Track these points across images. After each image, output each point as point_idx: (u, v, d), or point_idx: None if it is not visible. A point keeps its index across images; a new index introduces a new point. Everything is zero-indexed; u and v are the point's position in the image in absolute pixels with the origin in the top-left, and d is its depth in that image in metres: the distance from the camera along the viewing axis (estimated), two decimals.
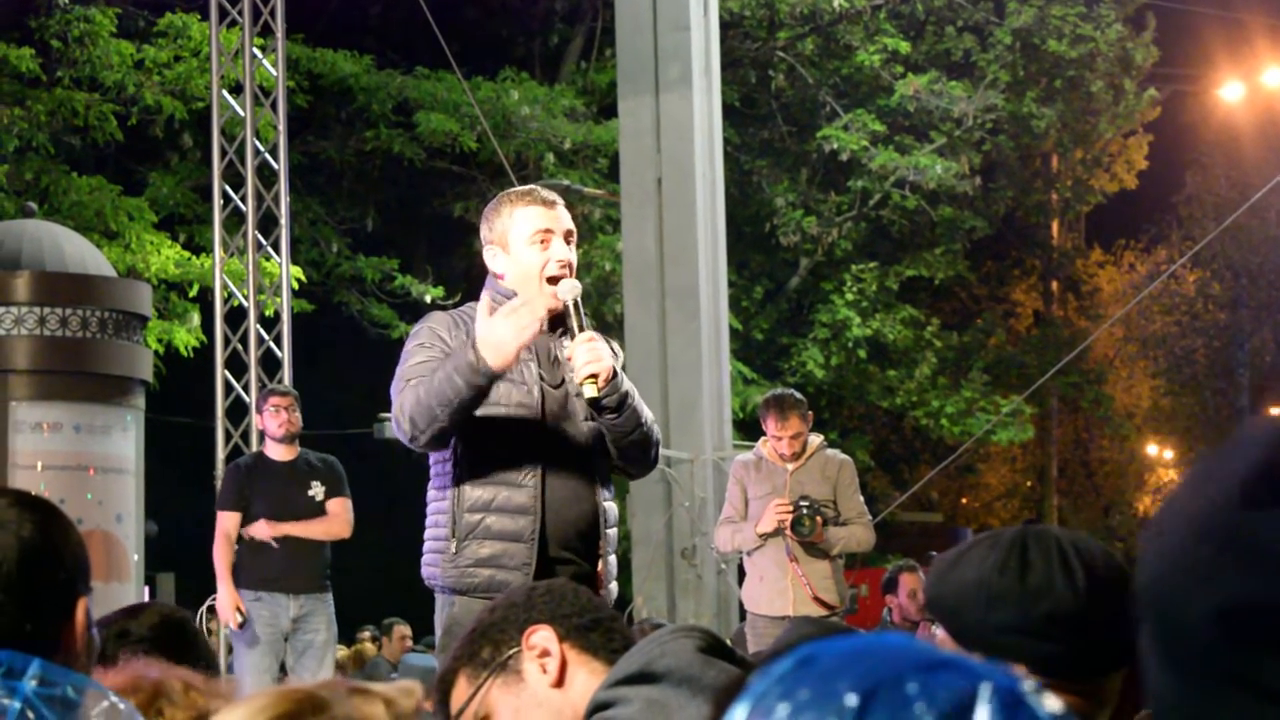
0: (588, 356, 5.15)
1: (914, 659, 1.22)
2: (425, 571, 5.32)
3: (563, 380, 5.32)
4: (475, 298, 5.46)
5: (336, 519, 10.16)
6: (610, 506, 5.39)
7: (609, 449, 5.34)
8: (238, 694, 2.61)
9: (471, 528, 5.15)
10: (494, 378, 5.02)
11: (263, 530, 10.02)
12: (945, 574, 2.26)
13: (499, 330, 4.95)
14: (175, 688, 2.56)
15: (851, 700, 1.19)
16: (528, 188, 5.56)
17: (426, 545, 5.32)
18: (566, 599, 2.94)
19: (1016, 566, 2.20)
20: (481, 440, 5.22)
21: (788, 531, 9.06)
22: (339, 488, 10.22)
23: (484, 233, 5.41)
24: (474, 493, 5.21)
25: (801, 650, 1.26)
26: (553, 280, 5.28)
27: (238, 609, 9.97)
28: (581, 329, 5.22)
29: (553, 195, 5.48)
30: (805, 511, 9.04)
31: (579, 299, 5.28)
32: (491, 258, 5.37)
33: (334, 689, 1.79)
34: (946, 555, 2.31)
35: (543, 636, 2.86)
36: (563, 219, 5.37)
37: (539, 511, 5.19)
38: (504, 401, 5.23)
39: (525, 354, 5.26)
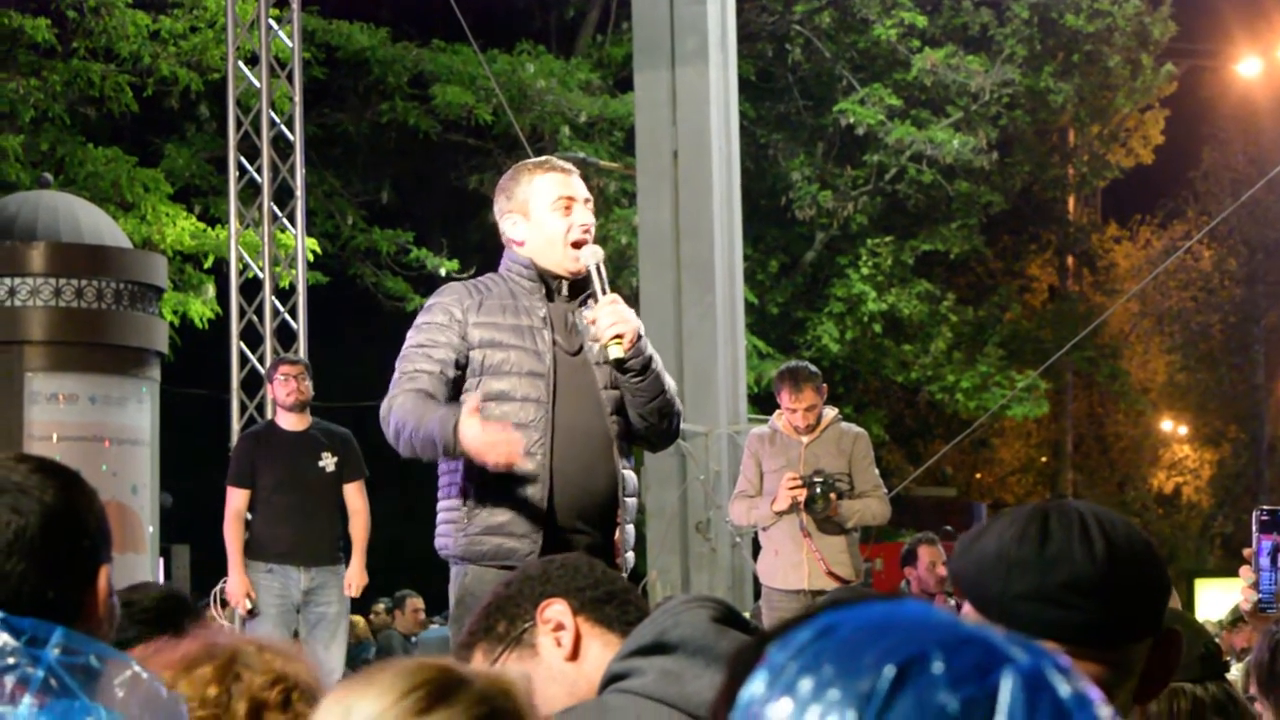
0: (613, 318, 5.16)
1: (939, 633, 1.22)
2: (439, 542, 5.30)
3: (580, 348, 5.31)
4: (490, 270, 5.48)
5: (361, 516, 10.13)
6: (629, 475, 5.36)
7: (631, 417, 5.34)
8: (308, 658, 2.64)
9: (481, 496, 5.15)
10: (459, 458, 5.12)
11: (239, 597, 10.04)
12: (968, 548, 2.29)
13: (478, 439, 4.95)
14: (250, 651, 2.58)
15: (880, 678, 1.19)
16: (543, 158, 5.60)
17: (440, 516, 5.31)
18: (581, 572, 2.94)
19: (1036, 536, 2.23)
20: (492, 408, 5.21)
21: (802, 507, 9.05)
22: (357, 467, 10.17)
23: (501, 203, 5.42)
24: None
25: (820, 620, 1.26)
26: (576, 245, 5.30)
27: (248, 595, 9.97)
28: (605, 292, 5.23)
29: (568, 164, 5.52)
30: (819, 489, 9.02)
31: (601, 263, 5.29)
32: (511, 225, 5.37)
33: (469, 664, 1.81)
34: (970, 531, 2.35)
35: (557, 610, 2.86)
36: (580, 186, 5.41)
37: (548, 479, 5.19)
38: (515, 370, 5.24)
39: (539, 322, 5.27)
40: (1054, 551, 2.21)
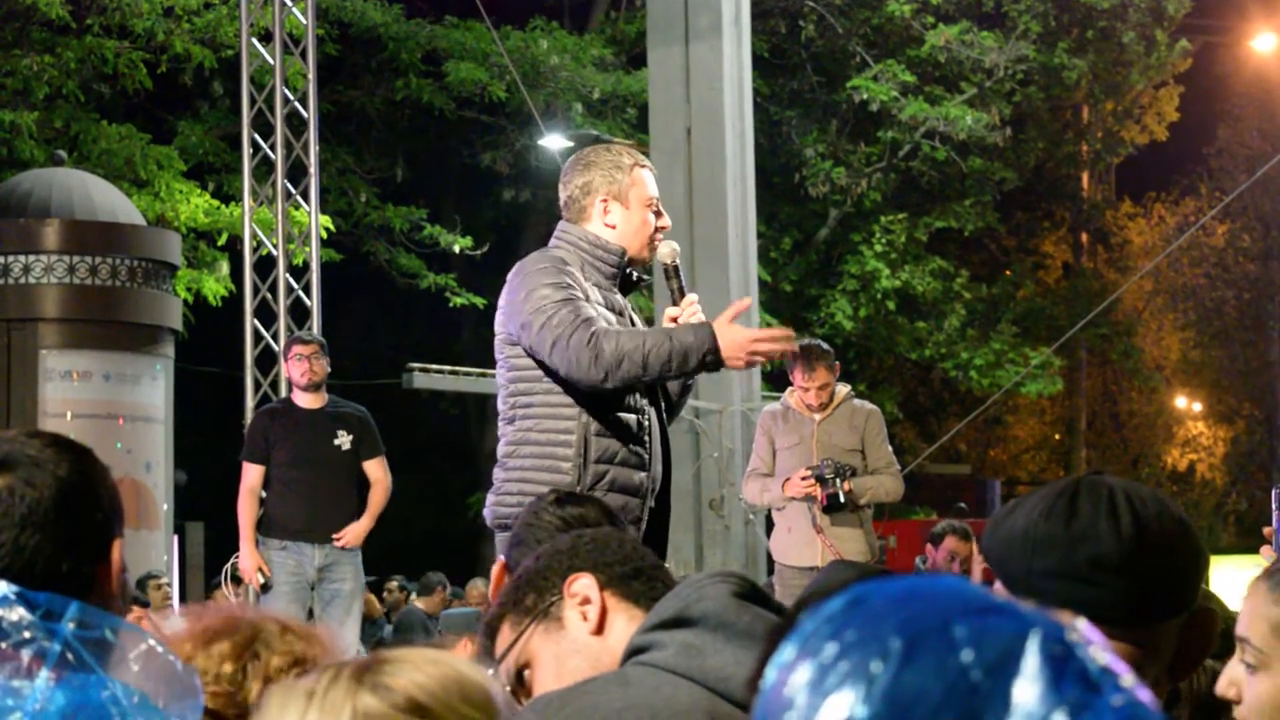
0: (693, 311, 5.31)
1: (965, 603, 1.22)
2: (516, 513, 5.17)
3: None
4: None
5: (381, 485, 10.13)
6: (670, 462, 5.51)
7: (670, 401, 5.51)
8: (332, 641, 2.64)
9: (598, 478, 5.18)
10: (710, 369, 5.17)
11: (251, 572, 10.02)
12: (999, 524, 2.29)
13: (744, 339, 5.08)
14: (272, 630, 2.58)
15: (896, 644, 1.19)
16: (634, 150, 5.60)
17: (527, 486, 5.19)
18: (610, 547, 2.95)
19: (1063, 512, 2.21)
20: (608, 392, 5.21)
21: (819, 504, 9.03)
22: (374, 445, 10.17)
23: (594, 179, 5.37)
24: (601, 444, 5.22)
25: (854, 590, 1.26)
26: (653, 245, 5.40)
27: (260, 569, 9.97)
28: (684, 292, 5.35)
29: None
30: (832, 480, 8.98)
31: (679, 262, 5.40)
32: (603, 211, 5.35)
33: None
34: (1002, 508, 2.35)
35: (584, 584, 2.88)
36: None
37: (651, 467, 5.30)
38: None
39: (623, 308, 5.38)
40: (1080, 528, 2.20)
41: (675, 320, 5.30)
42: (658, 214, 5.39)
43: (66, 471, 2.26)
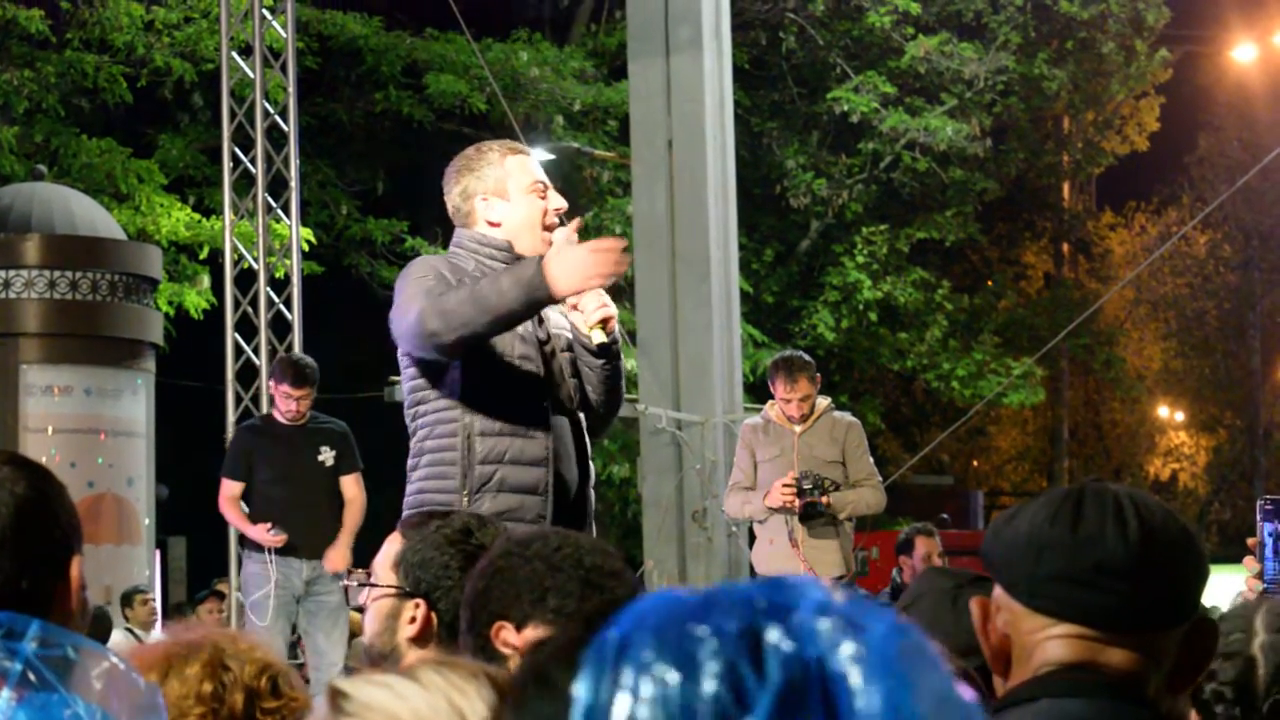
0: (599, 301, 5.13)
1: (700, 604, 1.23)
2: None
3: (549, 337, 5.30)
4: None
5: (356, 504, 10.11)
6: (590, 464, 5.39)
7: (591, 401, 5.33)
8: (273, 641, 2.66)
9: (485, 480, 5.12)
10: (546, 303, 4.96)
11: (265, 538, 9.94)
12: (1000, 529, 2.29)
13: (576, 259, 4.87)
14: (228, 643, 2.60)
15: (613, 636, 1.23)
16: (503, 140, 5.59)
17: (422, 497, 5.16)
18: (519, 578, 3.05)
19: (1069, 517, 2.21)
20: (490, 391, 5.17)
21: (798, 514, 9.02)
22: (353, 461, 10.14)
23: (468, 183, 5.34)
24: (486, 444, 5.15)
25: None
26: (548, 229, 5.28)
27: (268, 532, 9.87)
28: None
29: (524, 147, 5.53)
30: (811, 491, 8.99)
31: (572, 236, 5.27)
32: (486, 208, 5.32)
33: None
34: (1004, 513, 2.35)
35: (505, 636, 3.01)
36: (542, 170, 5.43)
37: (550, 464, 5.18)
38: (508, 353, 5.19)
39: None
40: (1086, 532, 2.20)
41: (574, 307, 5.19)
42: (544, 196, 5.29)
43: (24, 489, 2.25)
